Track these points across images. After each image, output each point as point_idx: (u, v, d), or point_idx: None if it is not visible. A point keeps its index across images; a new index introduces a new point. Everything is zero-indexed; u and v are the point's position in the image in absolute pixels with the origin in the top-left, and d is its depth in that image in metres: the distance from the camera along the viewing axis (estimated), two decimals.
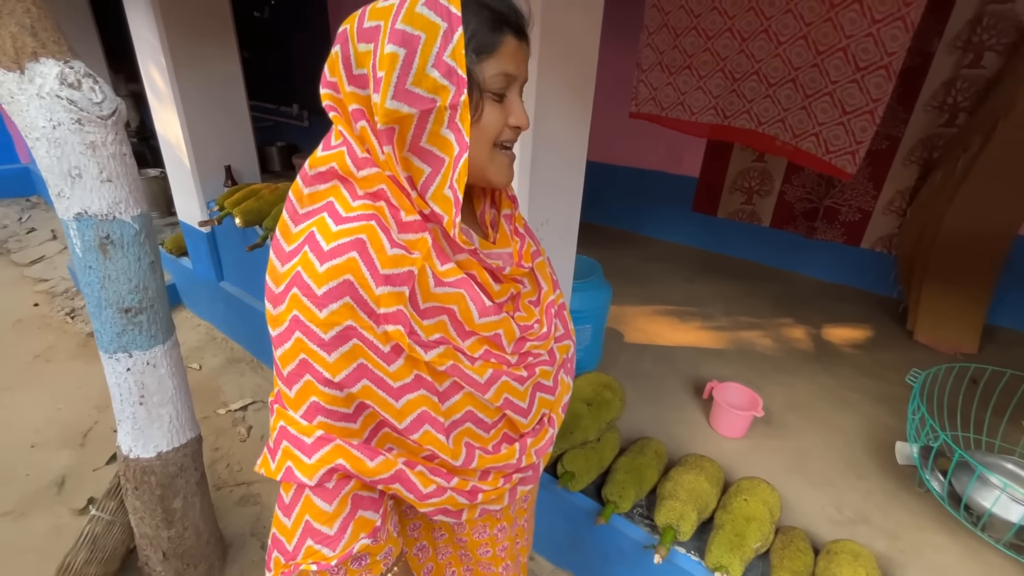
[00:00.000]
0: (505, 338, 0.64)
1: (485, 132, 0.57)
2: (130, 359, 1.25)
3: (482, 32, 0.53)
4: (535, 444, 0.70)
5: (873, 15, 1.89)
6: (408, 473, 0.59)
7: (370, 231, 0.52)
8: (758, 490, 1.33)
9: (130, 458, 1.34)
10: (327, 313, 0.51)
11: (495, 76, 0.55)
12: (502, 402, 0.64)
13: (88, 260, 1.15)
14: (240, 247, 2.37)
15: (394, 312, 0.53)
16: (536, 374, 0.67)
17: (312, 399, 0.54)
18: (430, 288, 0.56)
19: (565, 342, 0.75)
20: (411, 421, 0.58)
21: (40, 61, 1.02)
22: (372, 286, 0.52)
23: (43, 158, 1.06)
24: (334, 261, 0.51)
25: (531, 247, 0.72)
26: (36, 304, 3.17)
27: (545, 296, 0.73)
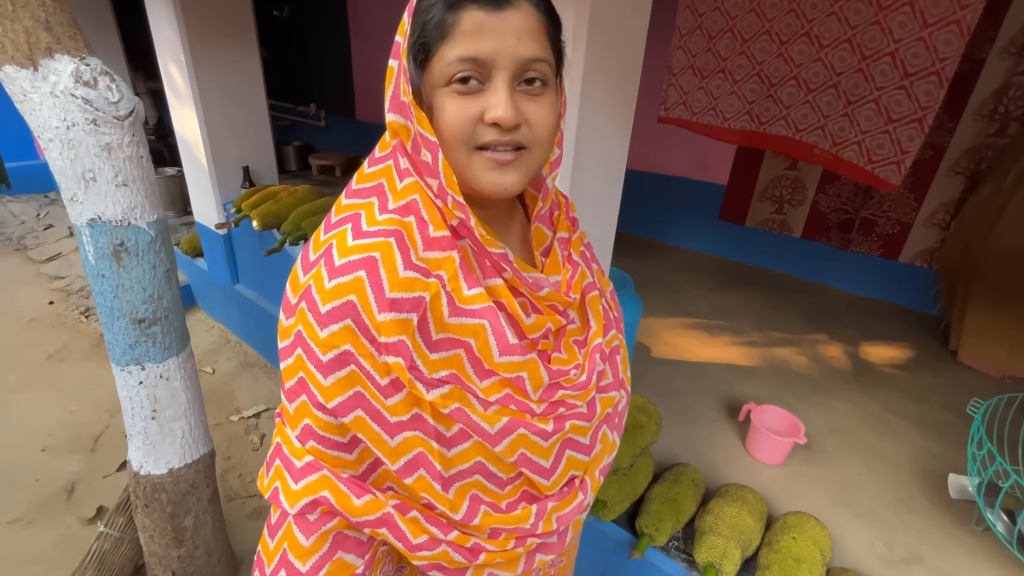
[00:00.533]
0: (530, 383, 0.54)
1: (446, 134, 0.48)
2: (143, 372, 1.19)
3: (435, 11, 0.46)
4: (558, 509, 0.59)
5: (925, 18, 1.79)
6: (397, 518, 0.52)
7: (385, 249, 0.48)
8: (807, 527, 1.23)
9: (140, 475, 1.28)
10: (327, 334, 0.48)
11: (449, 64, 0.46)
12: (517, 457, 0.55)
13: (101, 268, 1.08)
14: (256, 250, 2.32)
15: (395, 342, 0.48)
16: (566, 428, 0.57)
17: (306, 421, 0.51)
18: (444, 317, 0.50)
19: (612, 393, 0.64)
20: (405, 463, 0.51)
21: (55, 58, 0.96)
22: (375, 311, 0.47)
23: (56, 160, 1.01)
24: (341, 279, 0.48)
25: (585, 277, 0.62)
26: (51, 302, 3.15)
27: (592, 337, 0.61)
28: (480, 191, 0.51)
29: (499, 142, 0.48)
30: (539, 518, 0.58)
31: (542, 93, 0.49)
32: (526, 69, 0.47)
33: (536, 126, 0.49)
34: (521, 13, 0.46)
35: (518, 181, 0.50)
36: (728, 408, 1.84)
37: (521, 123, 0.48)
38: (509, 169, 0.49)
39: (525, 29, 0.46)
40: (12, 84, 0.97)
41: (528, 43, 0.46)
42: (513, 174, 0.50)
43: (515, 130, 0.48)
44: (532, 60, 0.47)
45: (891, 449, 1.69)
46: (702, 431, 1.72)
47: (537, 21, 0.47)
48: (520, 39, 0.46)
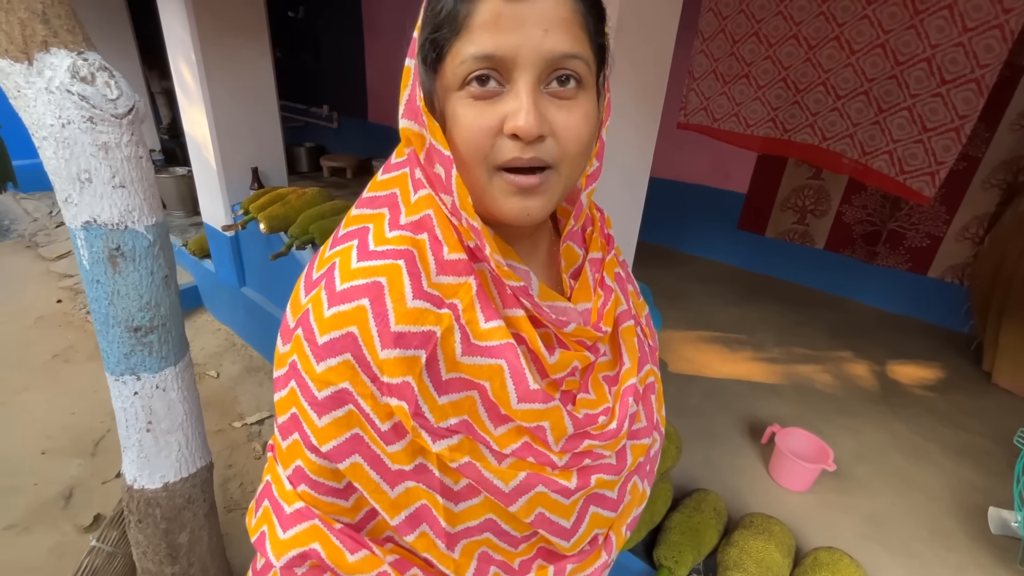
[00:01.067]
0: (552, 433, 0.47)
1: (464, 146, 0.41)
2: (138, 382, 1.13)
3: (448, 4, 0.39)
4: (579, 571, 0.52)
5: (965, 23, 1.70)
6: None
7: (392, 273, 0.41)
8: (840, 566, 1.15)
9: (134, 489, 1.22)
10: (323, 368, 0.41)
11: (463, 63, 0.39)
12: (534, 518, 0.47)
13: (96, 273, 1.03)
14: (264, 253, 2.27)
15: (399, 384, 0.41)
16: (592, 484, 0.49)
17: (298, 462, 0.46)
18: (456, 355, 0.43)
19: (645, 440, 0.56)
20: (406, 518, 0.45)
21: (51, 51, 0.91)
22: (377, 346, 0.41)
23: (50, 159, 0.95)
24: (341, 307, 0.41)
25: (619, 304, 0.54)
26: (59, 300, 3.14)
27: (625, 376, 0.53)
28: (500, 217, 0.44)
29: (520, 160, 0.40)
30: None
31: (574, 96, 0.41)
32: (555, 67, 0.39)
33: (565, 139, 0.41)
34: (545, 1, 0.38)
35: (543, 207, 0.43)
36: (750, 429, 1.75)
37: (547, 135, 0.40)
38: (533, 195, 0.42)
39: (554, 19, 0.38)
40: (6, 79, 0.92)
41: (557, 36, 0.38)
42: (537, 200, 0.43)
43: (539, 143, 0.40)
44: (562, 56, 0.39)
45: (925, 478, 1.60)
46: (723, 453, 1.63)
47: (569, 9, 0.39)
48: (548, 31, 0.38)
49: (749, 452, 1.65)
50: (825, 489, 1.52)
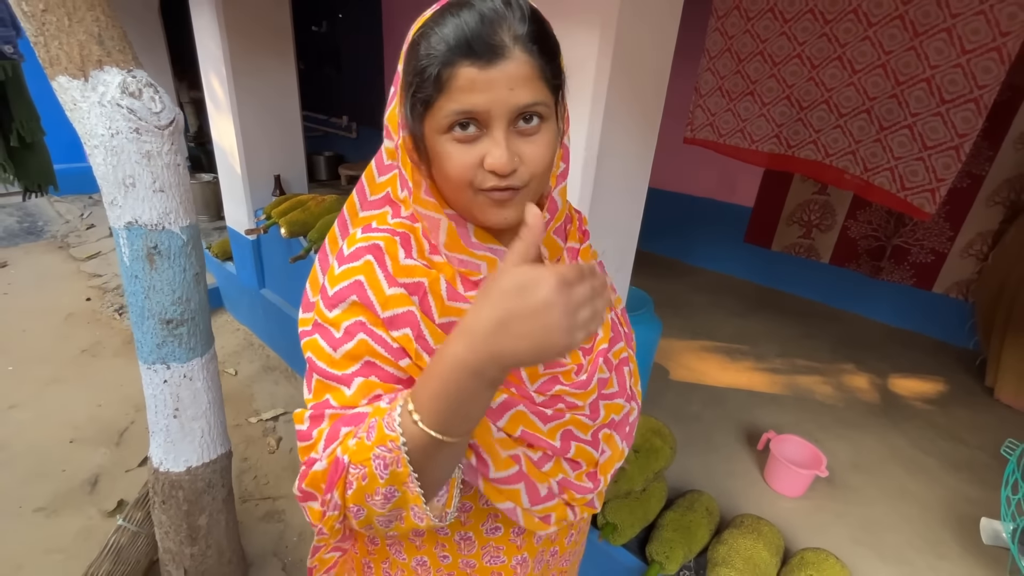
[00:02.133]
0: (525, 371, 0.57)
1: (450, 177, 0.50)
2: (168, 371, 1.22)
3: (432, 66, 0.47)
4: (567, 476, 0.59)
5: (963, 45, 1.75)
6: None
7: (389, 241, 0.53)
8: (826, 565, 1.19)
9: (160, 471, 1.31)
10: (335, 313, 0.52)
11: (447, 116, 0.47)
12: (519, 434, 0.56)
13: (135, 270, 1.13)
14: (283, 256, 2.38)
15: (403, 313, 0.51)
16: (565, 419, 0.58)
17: (326, 396, 0.53)
18: (444, 300, 0.53)
19: (618, 400, 0.65)
20: None
21: (104, 69, 1.02)
22: (384, 285, 0.51)
23: (99, 166, 1.06)
24: (349, 264, 0.52)
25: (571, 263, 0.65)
26: (88, 299, 3.28)
27: (598, 343, 0.63)
28: (484, 224, 0.54)
29: (497, 187, 0.49)
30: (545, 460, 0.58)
31: (538, 131, 0.50)
32: (521, 113, 0.48)
33: (532, 164, 0.50)
34: (513, 63, 0.46)
35: (518, 214, 0.52)
36: (747, 436, 1.79)
37: (517, 166, 0.49)
38: (508, 205, 0.51)
39: (518, 79, 0.46)
40: (64, 93, 1.02)
41: (521, 91, 0.47)
42: (512, 209, 0.52)
43: (512, 174, 0.49)
44: (526, 106, 0.48)
45: (921, 489, 1.62)
46: (719, 459, 1.67)
47: (529, 68, 0.47)
48: (513, 89, 0.46)
49: (745, 458, 1.69)
50: (819, 496, 1.55)
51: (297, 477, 0.51)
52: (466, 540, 0.63)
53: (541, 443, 0.57)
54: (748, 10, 2.20)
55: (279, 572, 1.66)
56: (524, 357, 0.40)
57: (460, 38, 0.45)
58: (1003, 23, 1.65)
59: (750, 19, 2.21)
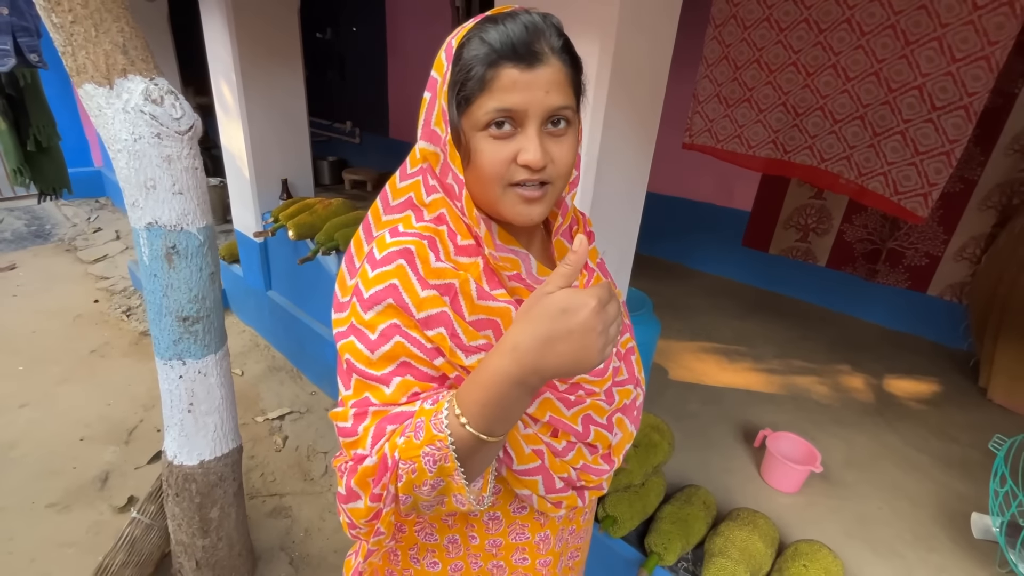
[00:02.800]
0: None
1: (484, 172, 0.54)
2: (183, 367, 1.27)
3: (477, 67, 0.52)
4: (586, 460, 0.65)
5: (953, 53, 1.80)
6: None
7: (419, 245, 0.55)
8: (818, 556, 1.23)
9: (174, 464, 1.36)
10: (371, 314, 0.54)
11: (487, 113, 0.52)
12: (547, 419, 0.61)
13: (154, 268, 1.18)
14: (290, 258, 2.43)
15: (437, 314, 0.54)
16: (586, 403, 0.64)
17: (365, 395, 0.55)
18: (474, 299, 0.56)
19: (628, 386, 0.71)
20: None
21: (128, 78, 1.07)
22: (417, 288, 0.54)
23: (122, 169, 1.11)
24: (382, 268, 0.54)
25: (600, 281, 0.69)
26: (96, 300, 3.33)
27: None
28: (509, 220, 0.58)
29: (529, 180, 0.54)
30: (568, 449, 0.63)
31: (565, 133, 0.56)
32: (552, 115, 0.54)
33: (559, 163, 0.55)
34: (550, 69, 0.52)
35: (543, 212, 0.57)
36: (744, 434, 1.83)
37: (547, 163, 0.54)
38: (536, 203, 0.56)
39: (553, 83, 0.52)
40: (90, 100, 1.07)
41: (555, 94, 0.53)
42: (539, 207, 0.56)
43: (542, 170, 0.54)
44: (558, 108, 0.53)
45: (913, 486, 1.66)
46: (717, 456, 1.71)
47: (563, 74, 0.53)
48: (548, 92, 0.52)
49: (742, 455, 1.73)
50: (814, 492, 1.59)
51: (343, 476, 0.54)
52: (494, 519, 0.68)
53: (566, 427, 0.62)
54: (745, 19, 2.26)
55: (286, 566, 1.70)
56: (564, 371, 0.45)
57: (505, 43, 0.51)
58: (991, 33, 1.71)
59: (747, 28, 2.27)
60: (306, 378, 2.66)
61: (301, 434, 2.30)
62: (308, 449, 2.21)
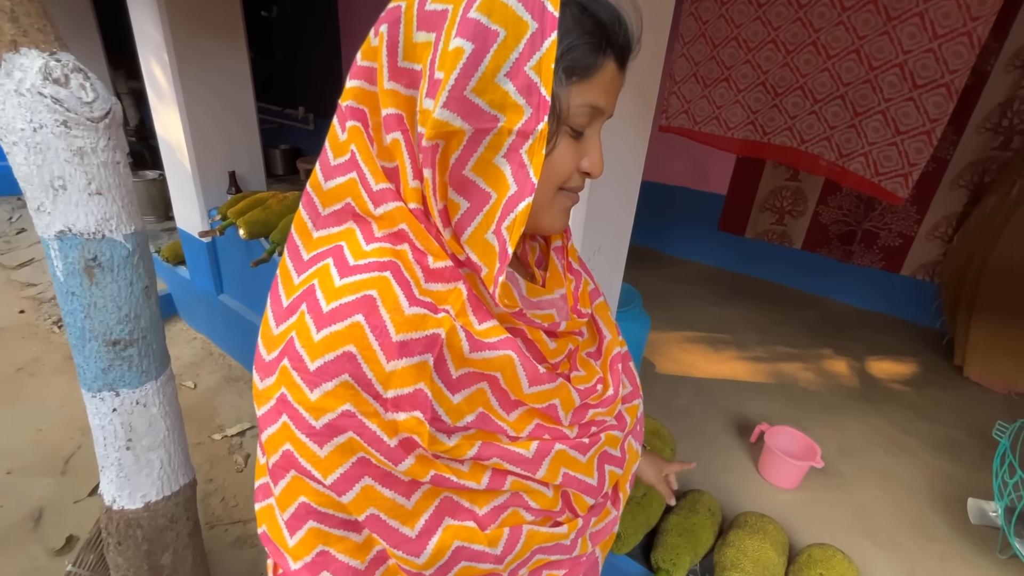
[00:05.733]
0: (562, 408, 0.51)
1: (553, 173, 0.45)
2: (117, 398, 1.08)
3: (580, 48, 0.41)
4: (594, 526, 0.57)
5: (935, 30, 1.76)
6: None
7: (383, 286, 0.40)
8: (834, 562, 1.17)
9: (114, 510, 1.17)
10: (319, 394, 0.39)
11: (582, 107, 0.43)
12: (561, 479, 0.50)
13: (71, 285, 0.98)
14: (242, 259, 2.21)
15: (410, 394, 0.40)
16: (602, 440, 0.55)
17: (301, 499, 0.43)
18: (464, 353, 0.43)
19: (635, 402, 0.63)
20: (427, 521, 0.44)
21: (20, 52, 0.86)
22: (382, 360, 0.39)
23: (21, 166, 0.90)
24: (333, 327, 0.39)
25: (588, 285, 0.61)
26: (22, 311, 2.99)
27: (609, 347, 0.60)
28: (547, 228, 0.50)
29: (580, 187, 0.50)
30: (579, 535, 0.54)
31: None
32: None
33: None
34: (625, 74, 0.47)
35: None
36: (737, 427, 1.78)
37: None
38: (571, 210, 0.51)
39: (620, 88, 0.47)
40: None
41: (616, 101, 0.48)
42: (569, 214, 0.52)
43: None
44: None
45: (906, 471, 1.65)
46: (714, 453, 1.65)
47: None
48: (617, 97, 0.47)
49: (738, 451, 1.67)
50: (813, 486, 1.55)
51: None
52: None
53: (580, 486, 0.52)
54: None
55: None
56: None
57: (616, 29, 0.43)
58: (973, 8, 1.67)
59: (724, 3, 2.17)
60: None
61: None
62: None
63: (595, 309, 0.61)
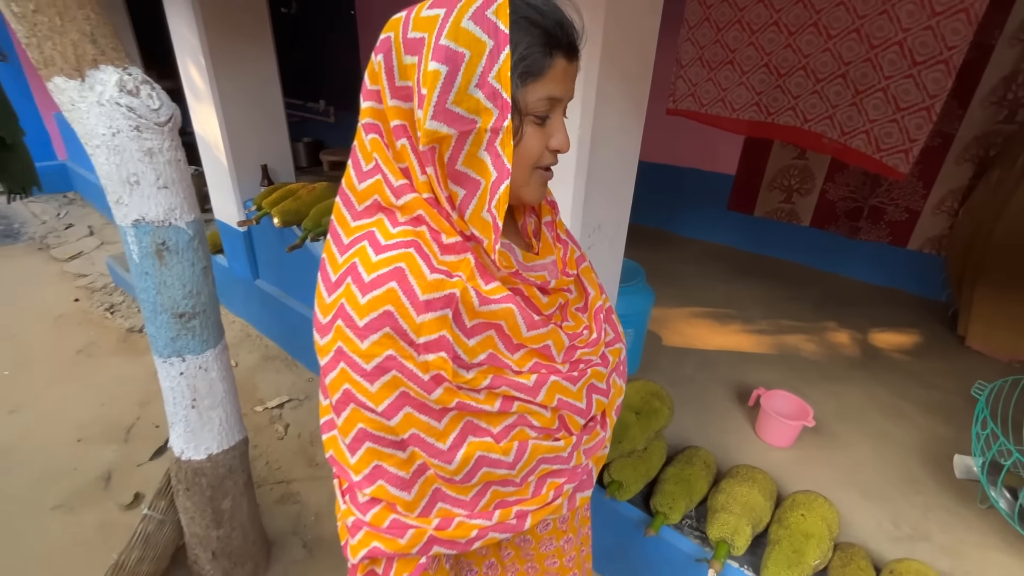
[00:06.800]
0: (555, 348, 0.63)
1: (524, 156, 0.56)
2: (183, 363, 1.26)
3: (532, 54, 0.51)
4: (587, 443, 0.69)
5: (933, 7, 1.80)
6: (439, 537, 0.59)
7: (408, 259, 0.52)
8: (815, 505, 1.29)
9: (182, 460, 1.36)
10: (368, 344, 0.52)
11: (540, 100, 0.54)
12: (556, 403, 0.63)
13: (145, 266, 1.15)
14: (276, 246, 2.39)
15: (436, 339, 0.53)
16: (588, 375, 0.66)
17: (359, 426, 0.56)
18: (475, 307, 0.55)
19: (616, 346, 0.75)
20: (455, 438, 0.57)
21: (100, 68, 1.02)
22: (413, 315, 0.51)
23: (103, 165, 1.07)
24: (374, 292, 0.51)
25: (575, 252, 0.73)
26: (76, 299, 3.25)
27: (593, 301, 0.73)
28: (527, 201, 0.61)
29: (553, 163, 0.60)
30: (574, 448, 0.66)
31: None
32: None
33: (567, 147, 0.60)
34: (578, 63, 0.56)
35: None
36: (739, 394, 1.89)
37: None
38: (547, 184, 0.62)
39: (577, 73, 0.57)
40: (61, 94, 1.03)
41: (574, 87, 0.58)
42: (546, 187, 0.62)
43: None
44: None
45: (900, 432, 1.74)
46: (714, 417, 1.77)
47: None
48: (574, 84, 0.57)
49: (738, 415, 1.79)
50: (807, 445, 1.66)
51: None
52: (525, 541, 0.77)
53: (571, 408, 0.64)
54: None
55: (300, 549, 1.73)
56: None
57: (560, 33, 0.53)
58: None
59: None
60: (301, 365, 2.65)
61: (302, 421, 2.31)
62: (310, 435, 2.23)
63: (581, 272, 0.73)
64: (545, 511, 0.65)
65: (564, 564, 0.81)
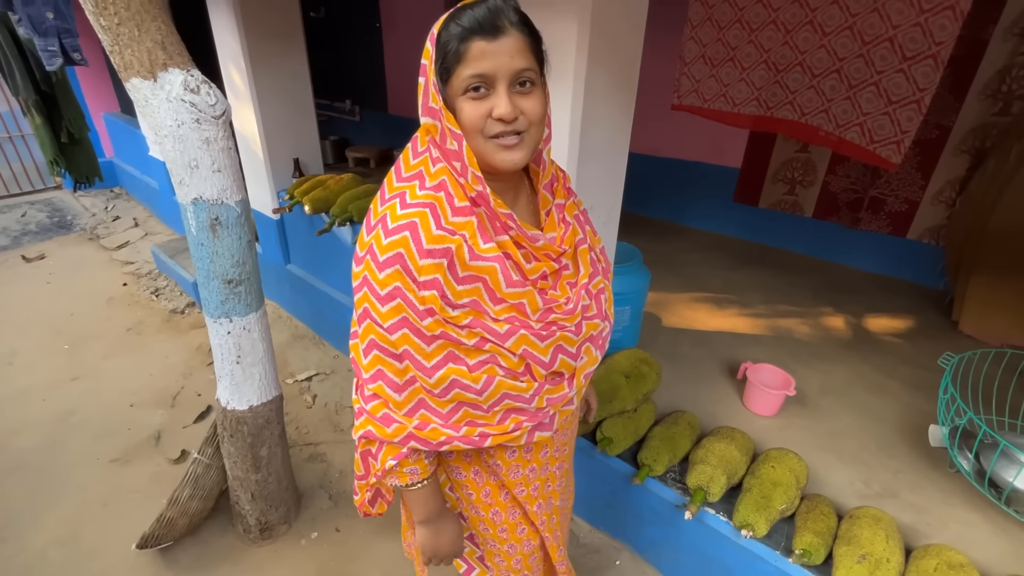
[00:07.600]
0: (529, 307, 0.74)
1: (468, 127, 0.67)
2: (231, 323, 1.46)
3: (452, 43, 0.65)
4: (549, 393, 0.79)
5: (922, 5, 1.90)
6: (416, 435, 0.76)
7: (422, 216, 0.68)
8: (785, 459, 1.42)
9: (227, 410, 1.57)
10: (383, 275, 0.69)
11: (464, 80, 0.65)
12: (522, 351, 0.74)
13: (201, 238, 1.36)
14: (306, 232, 2.61)
15: (431, 280, 0.68)
16: (556, 336, 0.76)
17: (371, 337, 0.74)
18: (466, 260, 0.69)
19: (596, 320, 0.83)
20: (437, 361, 0.72)
21: (168, 71, 1.23)
22: (417, 258, 0.67)
23: (169, 152, 1.28)
24: (393, 238, 0.68)
25: (576, 234, 0.82)
26: (124, 284, 3.55)
27: (581, 279, 0.82)
28: (496, 167, 0.71)
29: (504, 132, 0.68)
30: (536, 393, 0.78)
31: (531, 91, 0.68)
32: (518, 76, 0.66)
33: (529, 113, 0.68)
34: (511, 38, 0.64)
35: (524, 156, 0.71)
36: (730, 370, 2.01)
37: (518, 115, 0.67)
38: (515, 149, 0.69)
39: (515, 49, 0.65)
40: (137, 92, 1.24)
41: (518, 59, 0.65)
42: (519, 152, 0.70)
43: (515, 121, 0.67)
44: (522, 70, 0.66)
45: (882, 406, 1.84)
46: (704, 388, 1.90)
47: (523, 42, 0.65)
48: (512, 57, 0.64)
49: (727, 387, 1.92)
50: (791, 415, 1.78)
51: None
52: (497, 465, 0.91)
53: (535, 359, 0.76)
54: None
55: (326, 500, 1.94)
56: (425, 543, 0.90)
57: (473, 22, 0.63)
58: None
59: None
60: (328, 344, 2.87)
61: (328, 393, 2.52)
62: (336, 405, 2.44)
63: (579, 252, 0.82)
64: (504, 438, 0.79)
65: (530, 493, 0.94)
